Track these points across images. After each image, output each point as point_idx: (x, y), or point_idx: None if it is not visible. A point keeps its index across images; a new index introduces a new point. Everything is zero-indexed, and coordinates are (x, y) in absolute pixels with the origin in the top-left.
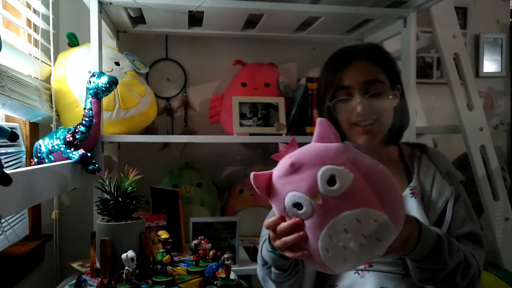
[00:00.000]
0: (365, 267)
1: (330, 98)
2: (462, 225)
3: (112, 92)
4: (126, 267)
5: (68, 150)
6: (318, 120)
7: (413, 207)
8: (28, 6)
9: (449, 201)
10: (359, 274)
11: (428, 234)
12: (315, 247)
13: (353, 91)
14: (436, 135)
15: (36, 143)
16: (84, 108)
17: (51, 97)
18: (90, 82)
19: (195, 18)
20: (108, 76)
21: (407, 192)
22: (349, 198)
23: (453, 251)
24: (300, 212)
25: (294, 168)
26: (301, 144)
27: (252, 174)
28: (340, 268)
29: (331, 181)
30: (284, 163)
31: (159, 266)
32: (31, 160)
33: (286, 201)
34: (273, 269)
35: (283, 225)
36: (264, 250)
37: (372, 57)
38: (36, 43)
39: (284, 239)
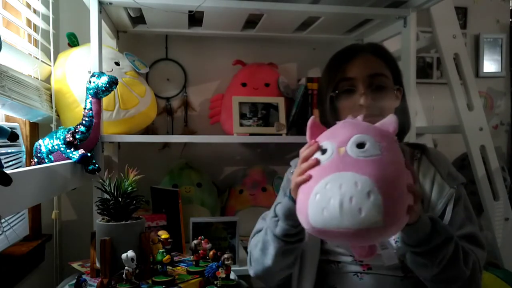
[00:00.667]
0: (364, 270)
1: (333, 89)
2: (461, 227)
3: (112, 92)
4: (126, 267)
5: (68, 150)
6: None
7: None
8: (28, 6)
9: (448, 204)
10: (358, 276)
11: (425, 217)
12: (311, 189)
13: (357, 83)
14: (436, 135)
15: (36, 143)
16: (84, 108)
17: (51, 97)
18: (90, 82)
19: (195, 18)
20: (108, 76)
21: None
22: (364, 165)
23: (449, 234)
24: (322, 156)
25: (342, 128)
26: (300, 144)
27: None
28: (315, 219)
29: (361, 145)
30: (336, 124)
31: (159, 266)
32: (31, 160)
33: (320, 144)
34: (280, 223)
35: (306, 152)
36: (277, 207)
37: (377, 52)
38: (36, 43)
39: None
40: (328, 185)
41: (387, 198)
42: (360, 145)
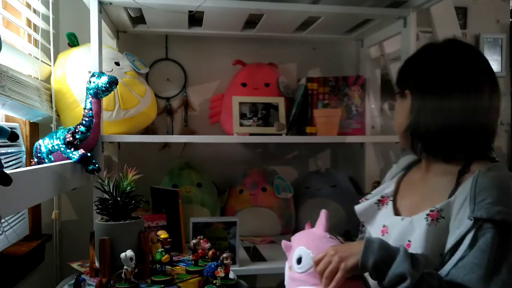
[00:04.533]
0: None
1: None
2: (465, 274)
3: (112, 92)
4: (125, 267)
5: (68, 150)
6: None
7: (418, 230)
8: (28, 6)
9: (466, 237)
10: None
11: (374, 244)
12: None
13: None
14: None
15: (36, 143)
16: (84, 108)
17: (51, 97)
18: (90, 82)
19: (195, 18)
20: (108, 76)
21: (422, 214)
22: (305, 279)
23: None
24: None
25: (293, 241)
26: (300, 144)
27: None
28: None
29: (299, 261)
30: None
31: (158, 266)
32: (31, 160)
33: None
34: None
35: None
36: None
37: None
38: (36, 43)
39: None
40: None
41: None
42: (298, 261)
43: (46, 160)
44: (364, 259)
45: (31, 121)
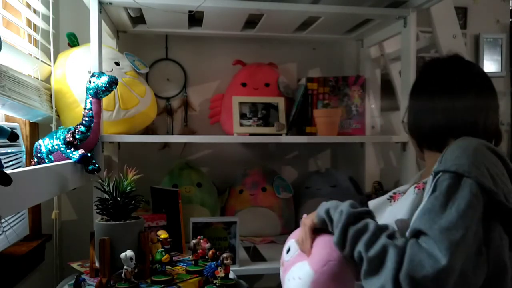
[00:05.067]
0: None
1: None
2: (417, 219)
3: (112, 92)
4: (125, 267)
5: (68, 150)
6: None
7: (408, 201)
8: (28, 6)
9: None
10: None
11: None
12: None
13: None
14: None
15: (36, 143)
16: (84, 108)
17: (51, 97)
18: (90, 82)
19: (195, 18)
20: (108, 76)
21: (412, 188)
22: (291, 264)
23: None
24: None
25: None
26: (300, 144)
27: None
28: None
29: (288, 250)
30: None
31: (158, 266)
32: (31, 160)
33: None
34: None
35: None
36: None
37: None
38: (36, 43)
39: None
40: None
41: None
42: (287, 251)
43: (46, 160)
44: (319, 211)
45: (31, 121)
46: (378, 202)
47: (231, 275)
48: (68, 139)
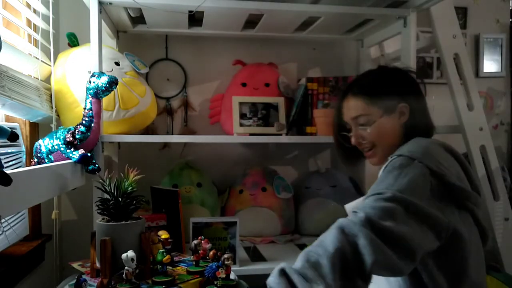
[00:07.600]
0: None
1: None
2: (370, 190)
3: (112, 92)
4: (126, 267)
5: (68, 150)
6: None
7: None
8: (28, 6)
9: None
10: None
11: None
12: None
13: (350, 126)
14: (436, 135)
15: (36, 143)
16: (84, 108)
17: (51, 97)
18: (90, 82)
19: (195, 18)
20: (108, 76)
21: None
22: None
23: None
24: None
25: None
26: (300, 144)
27: None
28: None
29: None
30: None
31: (159, 266)
32: (31, 160)
33: None
34: None
35: None
36: None
37: (358, 90)
38: (36, 43)
39: None
40: None
41: None
42: None
43: (46, 160)
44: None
45: (31, 121)
46: (356, 204)
47: (232, 276)
48: (68, 139)
